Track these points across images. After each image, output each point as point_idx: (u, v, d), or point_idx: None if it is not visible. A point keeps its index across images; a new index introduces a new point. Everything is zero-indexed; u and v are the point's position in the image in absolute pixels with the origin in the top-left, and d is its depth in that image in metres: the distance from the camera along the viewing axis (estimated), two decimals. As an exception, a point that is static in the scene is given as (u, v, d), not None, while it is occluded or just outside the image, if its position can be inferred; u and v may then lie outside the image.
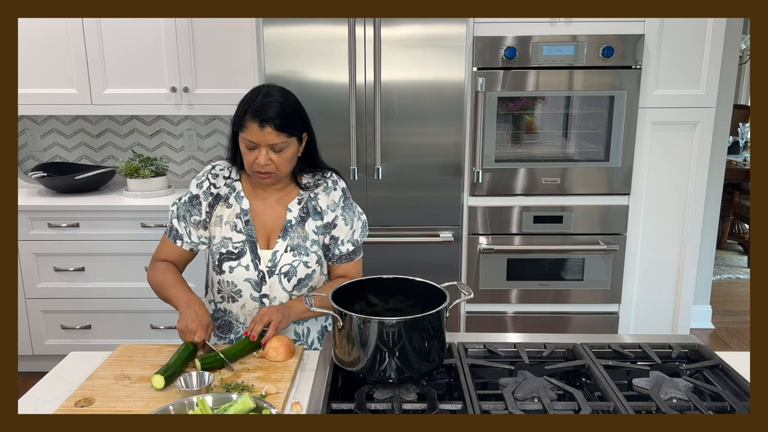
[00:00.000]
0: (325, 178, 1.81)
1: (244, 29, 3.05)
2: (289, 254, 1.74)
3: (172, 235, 1.79)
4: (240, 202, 1.75)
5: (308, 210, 1.77)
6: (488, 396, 1.42)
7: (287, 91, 1.70)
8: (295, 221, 1.75)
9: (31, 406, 1.40)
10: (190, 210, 1.76)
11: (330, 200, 1.78)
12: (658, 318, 3.09)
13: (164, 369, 1.45)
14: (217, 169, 1.79)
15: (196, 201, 1.76)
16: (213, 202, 1.76)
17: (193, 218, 1.76)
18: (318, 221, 1.77)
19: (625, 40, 2.76)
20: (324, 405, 1.35)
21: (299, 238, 1.75)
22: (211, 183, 1.77)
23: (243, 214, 1.74)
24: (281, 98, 1.65)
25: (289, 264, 1.74)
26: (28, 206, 3.07)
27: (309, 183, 1.79)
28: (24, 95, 3.15)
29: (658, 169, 2.94)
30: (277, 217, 1.76)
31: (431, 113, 2.79)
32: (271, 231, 1.76)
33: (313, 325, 1.85)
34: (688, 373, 1.51)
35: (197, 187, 1.77)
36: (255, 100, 1.63)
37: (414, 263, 2.92)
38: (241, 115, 1.64)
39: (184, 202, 1.78)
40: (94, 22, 3.07)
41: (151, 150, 3.54)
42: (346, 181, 1.86)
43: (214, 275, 1.78)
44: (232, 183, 1.77)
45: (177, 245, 1.79)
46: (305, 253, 1.75)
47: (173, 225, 1.79)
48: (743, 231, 5.57)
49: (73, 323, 3.20)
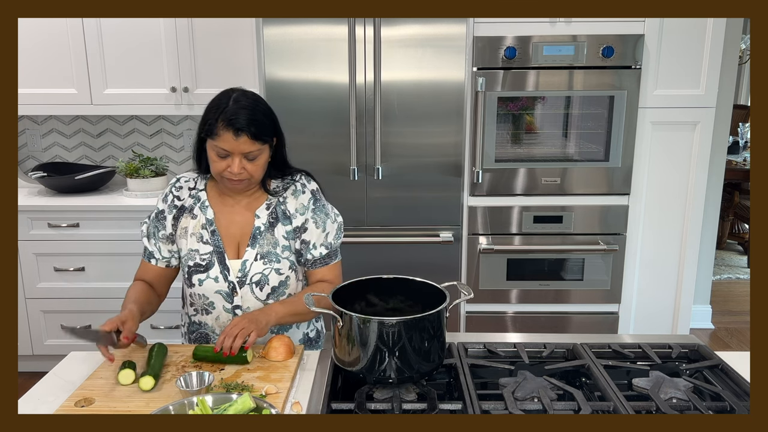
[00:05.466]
0: (293, 181, 1.75)
1: (244, 29, 3.05)
2: (259, 262, 1.69)
3: (146, 255, 1.77)
4: (205, 211, 1.71)
5: (277, 215, 1.72)
6: (488, 396, 1.42)
7: (256, 95, 1.65)
8: (264, 227, 1.70)
9: (31, 406, 1.40)
10: (157, 226, 1.74)
11: (299, 203, 1.73)
12: (658, 318, 3.09)
13: (150, 369, 1.45)
14: (182, 181, 1.75)
15: (161, 216, 1.73)
16: (177, 214, 1.72)
17: (160, 233, 1.73)
18: (287, 226, 1.72)
19: (625, 40, 2.76)
20: (324, 405, 1.35)
21: (269, 245, 1.70)
22: (174, 195, 1.73)
23: (208, 224, 1.70)
24: (253, 104, 1.60)
25: (260, 273, 1.69)
26: (28, 206, 3.07)
27: (277, 187, 1.74)
28: (24, 95, 3.15)
29: (658, 169, 2.94)
30: (246, 224, 1.71)
31: (431, 113, 2.79)
32: (241, 239, 1.71)
33: (294, 333, 1.81)
34: (688, 373, 1.51)
35: (162, 201, 1.74)
36: (226, 107, 1.57)
37: (414, 263, 2.92)
38: (213, 122, 1.57)
39: (152, 219, 1.75)
40: (94, 22, 3.07)
41: (151, 150, 3.54)
42: (318, 183, 1.80)
43: (186, 288, 1.75)
44: (197, 193, 1.73)
45: (151, 264, 1.76)
46: (276, 260, 1.70)
47: (144, 245, 1.76)
48: (743, 231, 5.57)
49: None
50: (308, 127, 2.79)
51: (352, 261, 2.68)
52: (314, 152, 2.82)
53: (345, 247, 1.87)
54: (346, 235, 2.57)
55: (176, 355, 1.59)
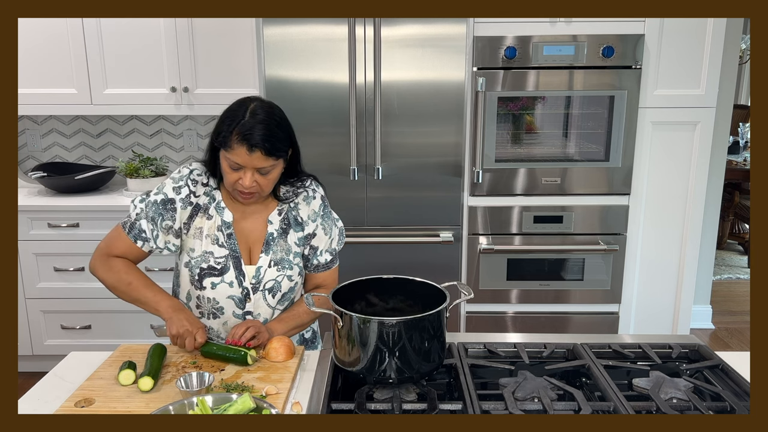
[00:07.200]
0: (304, 187, 1.73)
1: (244, 29, 3.05)
2: (273, 269, 1.68)
3: (133, 233, 1.64)
4: (221, 213, 1.66)
5: (289, 221, 1.70)
6: (488, 396, 1.42)
7: (273, 105, 1.60)
8: (277, 234, 1.69)
9: (31, 406, 1.40)
10: (162, 213, 1.64)
11: (311, 210, 1.72)
12: (658, 318, 3.09)
13: (148, 370, 1.44)
14: (195, 174, 1.67)
15: (170, 205, 1.64)
16: (193, 212, 1.65)
17: (164, 222, 1.64)
18: (299, 232, 1.71)
19: (625, 40, 2.76)
20: (324, 405, 1.35)
21: (282, 252, 1.69)
22: (191, 191, 1.65)
23: (225, 226, 1.65)
24: (268, 118, 1.54)
25: (273, 279, 1.68)
26: (28, 206, 3.07)
27: (288, 192, 1.71)
28: (24, 95, 3.15)
29: (658, 169, 2.94)
30: (258, 230, 1.68)
31: (431, 113, 2.79)
32: (252, 245, 1.68)
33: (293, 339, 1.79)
34: (688, 373, 1.51)
35: (174, 191, 1.64)
36: (243, 120, 1.52)
37: (414, 263, 2.92)
38: (227, 134, 1.53)
39: (155, 203, 1.64)
40: (94, 22, 3.07)
41: (151, 150, 3.54)
42: (323, 187, 1.78)
43: (193, 289, 1.68)
44: (211, 192, 1.67)
45: (137, 245, 1.65)
46: (289, 267, 1.69)
47: (138, 224, 1.64)
48: (743, 231, 5.57)
49: (73, 323, 3.20)
50: (308, 127, 2.79)
51: (352, 261, 2.69)
52: (314, 152, 2.82)
53: (345, 247, 1.87)
54: (346, 235, 2.56)
55: (176, 356, 1.59)
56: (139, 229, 1.65)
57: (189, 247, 1.67)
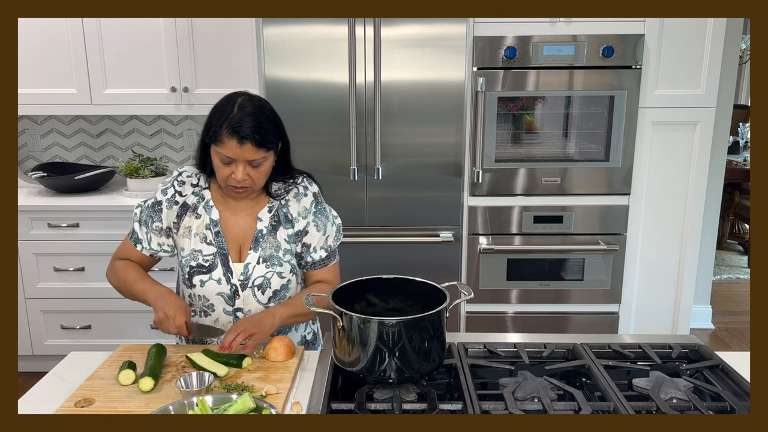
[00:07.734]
0: (296, 184, 1.73)
1: (244, 29, 3.05)
2: (262, 266, 1.68)
3: (133, 238, 1.74)
4: (209, 212, 1.69)
5: (279, 218, 1.71)
6: (488, 396, 1.42)
7: (261, 99, 1.62)
8: (266, 231, 1.70)
9: (31, 406, 1.40)
10: (152, 216, 1.70)
11: (301, 207, 1.72)
12: (658, 318, 3.09)
13: (148, 370, 1.44)
14: (184, 176, 1.72)
15: (158, 207, 1.70)
16: (180, 212, 1.69)
17: (154, 224, 1.70)
18: (289, 229, 1.71)
19: (625, 40, 2.76)
20: (324, 405, 1.35)
21: (271, 249, 1.69)
22: (176, 191, 1.70)
23: (213, 225, 1.68)
24: (257, 110, 1.57)
25: (262, 276, 1.69)
26: (28, 206, 3.07)
27: (279, 190, 1.73)
28: (24, 95, 3.15)
29: (658, 169, 2.94)
30: (248, 227, 1.69)
31: (431, 113, 2.79)
32: (242, 242, 1.70)
33: (292, 336, 1.80)
34: (688, 373, 1.51)
35: (162, 193, 1.70)
36: (231, 114, 1.54)
37: (414, 263, 2.92)
38: (217, 128, 1.55)
39: (147, 207, 1.72)
40: (94, 22, 3.07)
41: (151, 150, 3.54)
42: (318, 184, 1.79)
43: (185, 288, 1.72)
44: (200, 191, 1.70)
45: (137, 249, 1.73)
46: (278, 264, 1.70)
47: (134, 228, 1.73)
48: (743, 231, 5.57)
49: (73, 323, 3.20)
50: (308, 127, 2.79)
51: (352, 261, 2.69)
52: (314, 152, 2.82)
53: (345, 248, 1.87)
54: (346, 235, 2.57)
55: (176, 356, 1.59)
56: (135, 233, 1.73)
57: (180, 247, 1.71)
